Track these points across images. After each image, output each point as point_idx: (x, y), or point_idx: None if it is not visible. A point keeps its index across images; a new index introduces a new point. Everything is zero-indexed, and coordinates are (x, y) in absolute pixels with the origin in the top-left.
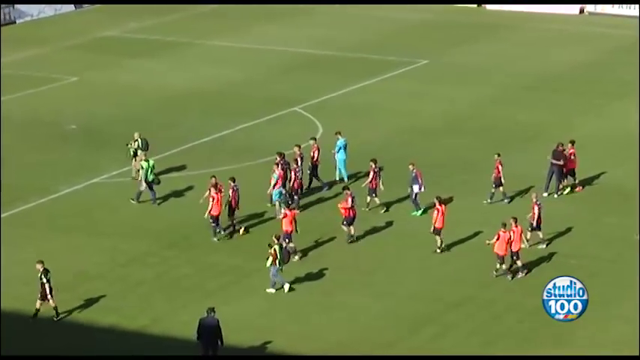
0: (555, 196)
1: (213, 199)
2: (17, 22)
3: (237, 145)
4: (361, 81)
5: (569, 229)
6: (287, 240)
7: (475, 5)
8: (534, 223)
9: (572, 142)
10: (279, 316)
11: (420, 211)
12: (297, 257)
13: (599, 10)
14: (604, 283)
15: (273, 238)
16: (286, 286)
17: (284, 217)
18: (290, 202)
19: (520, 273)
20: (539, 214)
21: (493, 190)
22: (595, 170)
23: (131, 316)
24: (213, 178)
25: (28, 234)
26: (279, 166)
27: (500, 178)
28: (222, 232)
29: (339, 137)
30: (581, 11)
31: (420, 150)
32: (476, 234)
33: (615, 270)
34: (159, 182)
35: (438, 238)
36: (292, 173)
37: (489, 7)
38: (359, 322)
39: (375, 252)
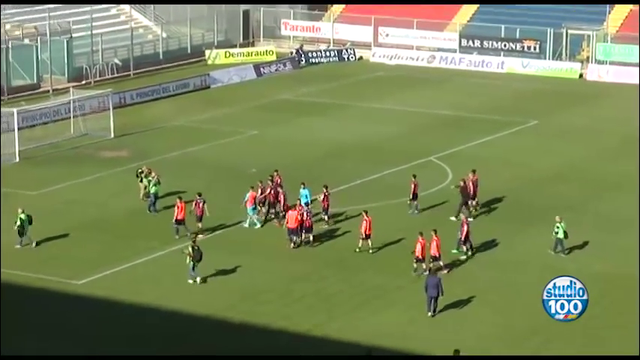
0: (471, 219)
1: (179, 207)
2: (211, 87)
3: (383, 186)
4: (484, 137)
5: None
6: (295, 235)
7: (578, 77)
8: (462, 238)
9: (473, 171)
10: (418, 325)
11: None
12: (312, 242)
13: None
14: None
15: (191, 239)
16: (198, 279)
17: (288, 219)
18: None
19: (426, 271)
20: (467, 230)
21: (411, 203)
22: None
23: (297, 322)
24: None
25: (215, 257)
26: (253, 188)
27: (416, 194)
28: (188, 234)
29: (302, 188)
30: None
31: (529, 194)
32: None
33: None
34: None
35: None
36: (267, 190)
37: (589, 78)
38: (481, 332)
39: (493, 274)
